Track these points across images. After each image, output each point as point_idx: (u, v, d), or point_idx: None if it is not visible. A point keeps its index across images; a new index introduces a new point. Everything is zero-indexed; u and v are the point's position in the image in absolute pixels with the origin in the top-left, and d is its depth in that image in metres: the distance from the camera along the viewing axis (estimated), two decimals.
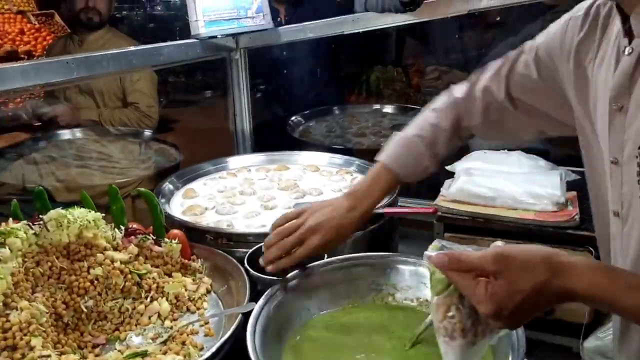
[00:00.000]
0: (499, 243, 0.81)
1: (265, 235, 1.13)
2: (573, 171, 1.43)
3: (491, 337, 0.72)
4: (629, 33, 0.73)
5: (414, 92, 2.83)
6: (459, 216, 1.32)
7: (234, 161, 1.81)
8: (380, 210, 1.34)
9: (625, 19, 0.74)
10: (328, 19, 1.80)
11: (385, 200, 1.45)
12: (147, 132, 2.12)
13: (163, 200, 1.46)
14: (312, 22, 1.81)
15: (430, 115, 1.10)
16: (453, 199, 1.36)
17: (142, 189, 1.24)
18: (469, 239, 1.30)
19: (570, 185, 1.37)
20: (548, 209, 1.27)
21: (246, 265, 1.12)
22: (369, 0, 1.69)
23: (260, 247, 1.20)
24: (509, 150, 1.57)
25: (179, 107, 2.87)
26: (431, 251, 0.74)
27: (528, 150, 1.57)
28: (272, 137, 2.16)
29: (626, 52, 0.73)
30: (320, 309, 1.03)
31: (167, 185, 1.60)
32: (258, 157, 1.85)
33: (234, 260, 1.16)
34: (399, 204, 1.47)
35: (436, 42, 2.47)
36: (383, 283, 1.07)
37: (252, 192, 1.60)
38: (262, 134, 2.10)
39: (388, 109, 2.41)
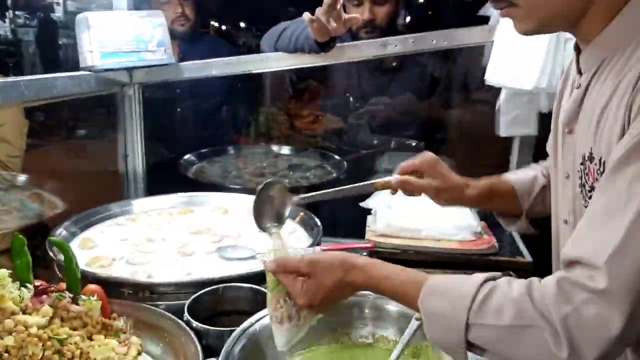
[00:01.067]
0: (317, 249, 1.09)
1: (196, 283, 1.04)
2: None
3: (311, 320, 0.94)
4: (579, 70, 0.85)
5: (297, 134, 2.88)
6: (392, 249, 1.34)
7: (131, 205, 1.65)
8: (311, 250, 1.32)
9: (578, 58, 0.85)
10: (234, 57, 1.77)
11: (307, 243, 1.43)
12: (22, 177, 1.83)
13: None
14: (218, 59, 1.76)
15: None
16: (382, 233, 1.39)
17: (54, 238, 1.06)
18: None
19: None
20: (468, 238, 1.35)
21: (187, 317, 1.01)
22: (280, 40, 1.69)
23: (201, 295, 1.10)
24: None
25: (54, 146, 2.55)
26: (267, 258, 0.96)
27: None
28: (166, 178, 2.01)
29: (576, 86, 0.85)
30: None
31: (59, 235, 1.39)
32: (158, 200, 1.71)
33: (169, 314, 1.03)
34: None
35: (327, 86, 2.55)
36: (336, 322, 1.03)
37: (162, 239, 1.46)
38: (154, 175, 1.95)
39: (281, 149, 2.40)
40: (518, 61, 1.50)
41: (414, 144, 2.21)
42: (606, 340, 0.65)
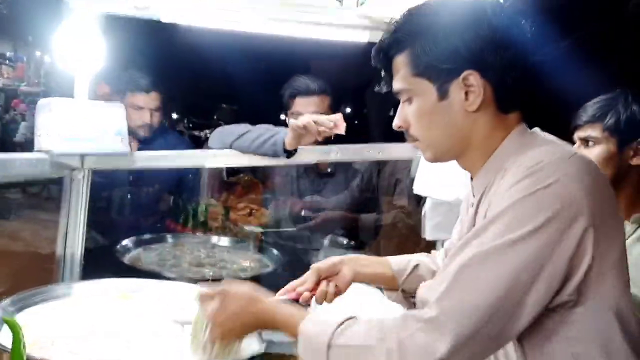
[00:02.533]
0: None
1: None
2: None
3: (223, 354, 1.10)
4: (473, 193, 1.09)
5: (233, 226, 2.96)
6: None
7: (70, 288, 1.64)
8: None
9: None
10: (188, 151, 1.88)
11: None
12: None
13: None
14: (171, 152, 1.86)
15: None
16: None
17: (7, 317, 1.06)
18: None
19: None
20: None
21: None
22: (240, 140, 1.83)
23: None
24: None
25: None
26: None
27: None
28: (102, 263, 2.01)
29: (470, 204, 1.08)
30: None
31: None
32: (96, 284, 1.70)
33: None
34: None
35: (264, 181, 2.71)
36: None
37: (102, 322, 1.46)
38: (89, 260, 1.94)
39: (219, 240, 2.46)
40: (441, 175, 1.73)
41: (345, 242, 2.37)
42: None
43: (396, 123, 1.10)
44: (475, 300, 0.87)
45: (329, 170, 2.33)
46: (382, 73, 1.11)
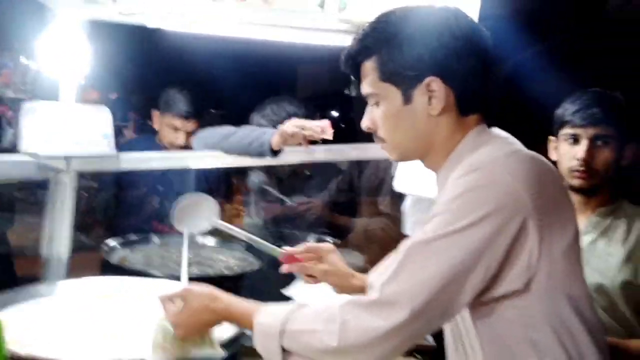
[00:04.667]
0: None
1: None
2: None
3: (183, 351, 1.14)
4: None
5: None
6: None
7: (55, 286, 1.67)
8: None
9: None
10: (174, 152, 1.92)
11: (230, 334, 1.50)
12: None
13: None
14: (157, 152, 1.90)
15: None
16: None
17: None
18: None
19: None
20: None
21: None
22: (226, 142, 1.88)
23: None
24: None
25: None
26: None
27: None
28: (88, 263, 2.03)
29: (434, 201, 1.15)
30: None
31: None
32: (81, 283, 1.73)
33: None
34: None
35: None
36: None
37: (86, 320, 1.49)
38: (75, 260, 1.97)
39: (205, 240, 2.48)
40: (420, 173, 1.78)
41: (329, 239, 2.41)
42: (372, 337, 0.94)
43: (364, 124, 1.17)
44: (416, 285, 0.95)
45: (307, 173, 2.39)
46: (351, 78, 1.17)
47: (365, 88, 1.14)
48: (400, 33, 1.07)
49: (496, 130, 1.13)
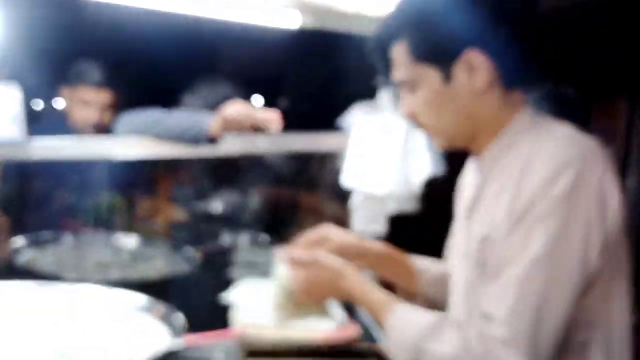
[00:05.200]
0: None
1: None
2: None
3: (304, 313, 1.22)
4: (479, 171, 1.09)
5: (139, 223, 2.75)
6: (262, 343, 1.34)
7: None
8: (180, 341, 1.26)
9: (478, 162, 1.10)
10: (96, 138, 1.69)
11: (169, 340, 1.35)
12: None
13: None
14: (74, 139, 1.66)
15: None
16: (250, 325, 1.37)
17: None
18: None
19: None
20: (334, 327, 1.41)
21: None
22: (159, 127, 1.68)
23: None
24: None
25: None
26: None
27: None
28: None
29: (475, 183, 1.09)
30: None
31: None
32: None
33: None
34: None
35: (172, 175, 2.54)
36: None
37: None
38: None
39: (124, 239, 2.25)
40: (369, 168, 1.71)
41: (265, 238, 2.28)
42: None
43: (404, 113, 1.09)
44: (544, 315, 0.89)
45: (240, 163, 2.23)
46: (381, 68, 1.08)
47: (399, 74, 1.05)
48: (428, 7, 1.00)
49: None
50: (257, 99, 2.23)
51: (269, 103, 3.24)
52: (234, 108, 1.62)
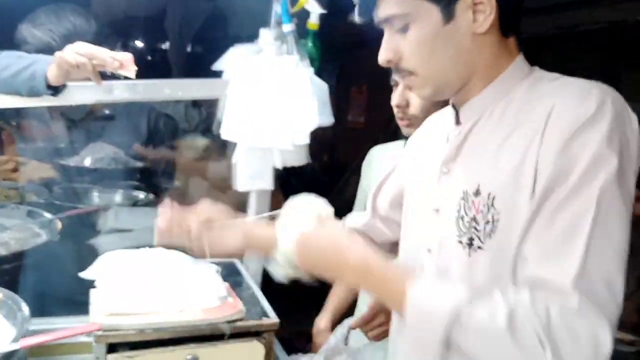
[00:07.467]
0: None
1: None
2: (217, 263, 1.46)
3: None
4: (457, 121, 0.99)
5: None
6: (125, 331, 1.14)
7: None
8: (17, 345, 1.04)
9: (457, 113, 0.99)
10: None
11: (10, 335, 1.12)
12: None
13: None
14: None
15: None
16: (111, 312, 1.17)
17: None
18: (139, 355, 1.14)
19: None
20: (214, 305, 1.25)
21: None
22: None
23: None
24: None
25: None
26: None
27: None
28: None
29: (455, 134, 0.98)
30: None
31: None
32: None
33: None
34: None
35: (26, 128, 2.16)
36: None
37: None
38: None
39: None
40: (251, 118, 1.51)
41: (142, 196, 2.04)
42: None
43: (386, 56, 0.94)
44: (614, 272, 0.79)
45: (106, 112, 1.93)
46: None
47: (391, 8, 0.92)
48: None
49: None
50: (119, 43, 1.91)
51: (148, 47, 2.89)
52: (72, 49, 1.31)
